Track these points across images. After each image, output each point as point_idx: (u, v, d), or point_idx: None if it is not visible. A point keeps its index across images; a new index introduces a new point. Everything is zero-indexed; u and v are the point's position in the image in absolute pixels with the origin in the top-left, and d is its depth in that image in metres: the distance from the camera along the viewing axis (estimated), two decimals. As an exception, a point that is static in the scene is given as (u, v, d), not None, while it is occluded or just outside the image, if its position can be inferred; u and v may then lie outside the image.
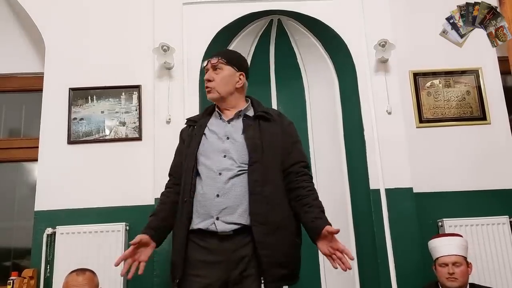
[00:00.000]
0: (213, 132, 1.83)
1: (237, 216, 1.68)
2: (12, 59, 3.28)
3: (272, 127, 1.84)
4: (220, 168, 1.73)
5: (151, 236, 1.75)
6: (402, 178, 2.83)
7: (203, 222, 1.69)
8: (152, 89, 2.98)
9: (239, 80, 1.89)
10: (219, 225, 1.68)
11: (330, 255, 1.68)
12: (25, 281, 2.61)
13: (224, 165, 1.73)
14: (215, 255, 1.67)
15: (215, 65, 1.87)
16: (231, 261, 1.66)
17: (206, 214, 1.69)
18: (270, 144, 1.79)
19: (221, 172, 1.72)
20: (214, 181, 1.72)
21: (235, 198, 1.70)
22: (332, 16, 3.06)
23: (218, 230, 1.67)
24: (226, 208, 1.68)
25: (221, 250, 1.67)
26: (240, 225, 1.68)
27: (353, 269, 2.87)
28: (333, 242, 1.68)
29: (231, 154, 1.75)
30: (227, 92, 1.86)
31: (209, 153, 1.77)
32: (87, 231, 2.74)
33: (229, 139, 1.79)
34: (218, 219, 1.68)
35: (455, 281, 2.30)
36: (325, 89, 3.22)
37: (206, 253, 1.68)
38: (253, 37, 3.22)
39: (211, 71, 1.87)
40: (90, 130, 2.97)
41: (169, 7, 3.04)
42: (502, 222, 2.85)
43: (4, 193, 3.22)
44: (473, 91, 3.16)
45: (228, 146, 1.77)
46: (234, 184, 1.71)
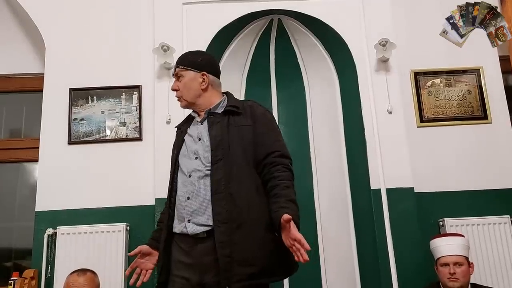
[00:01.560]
0: (190, 135, 1.83)
1: (206, 217, 1.65)
2: (13, 59, 3.28)
3: (241, 120, 1.75)
4: (190, 170, 1.72)
5: (150, 246, 1.83)
6: (403, 178, 2.82)
7: (179, 225, 1.71)
8: (152, 89, 2.98)
9: (203, 81, 1.82)
10: (189, 227, 1.66)
11: (290, 246, 1.53)
12: (26, 281, 2.61)
13: (193, 166, 1.73)
14: (190, 257, 1.67)
15: (177, 74, 1.85)
16: (203, 264, 1.63)
17: (180, 217, 1.71)
18: (237, 139, 1.71)
19: (191, 174, 1.71)
20: (184, 183, 1.73)
21: (204, 200, 1.66)
22: (333, 15, 3.05)
23: (189, 233, 1.66)
24: (195, 210, 1.66)
25: (194, 252, 1.66)
26: (209, 226, 1.63)
27: (354, 269, 2.87)
28: (291, 232, 1.53)
29: (199, 154, 1.73)
30: (193, 97, 1.82)
31: (185, 156, 1.78)
32: (88, 232, 2.74)
33: (200, 140, 1.77)
34: (189, 222, 1.67)
35: (456, 281, 2.29)
36: (325, 89, 3.21)
37: (184, 255, 1.69)
38: (253, 37, 3.22)
39: (176, 81, 1.85)
40: (90, 130, 2.97)
41: (169, 7, 3.04)
42: (503, 222, 2.85)
43: (4, 194, 3.22)
44: (474, 91, 3.15)
45: (198, 147, 1.75)
46: (202, 185, 1.68)
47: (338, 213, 3.01)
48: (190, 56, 1.90)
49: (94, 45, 3.09)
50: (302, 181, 3.17)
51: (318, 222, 3.10)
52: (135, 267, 1.82)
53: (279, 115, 3.32)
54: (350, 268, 2.88)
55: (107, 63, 3.07)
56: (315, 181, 3.17)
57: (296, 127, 3.28)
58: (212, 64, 1.89)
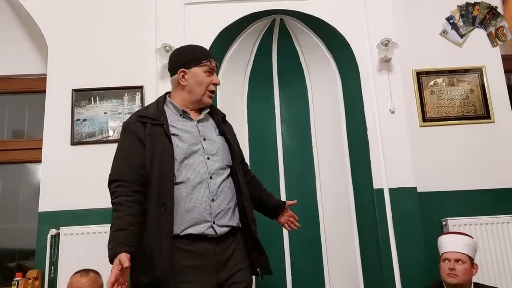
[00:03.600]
0: (184, 131, 1.73)
1: (229, 219, 1.70)
2: (15, 60, 3.29)
3: (229, 128, 1.92)
4: (209, 171, 1.69)
5: (131, 255, 1.52)
6: (406, 178, 2.82)
7: (195, 227, 1.62)
8: (154, 90, 2.97)
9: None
10: (217, 229, 1.66)
11: (286, 222, 2.09)
12: (29, 282, 2.62)
13: (212, 168, 1.70)
14: (204, 258, 1.63)
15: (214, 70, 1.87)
16: (219, 263, 1.66)
17: (198, 219, 1.63)
18: (235, 144, 1.87)
19: (212, 176, 1.69)
20: (207, 185, 1.67)
21: (229, 200, 1.73)
22: (335, 15, 3.05)
23: (217, 234, 1.66)
24: (221, 211, 1.68)
25: (209, 253, 1.65)
26: (231, 227, 1.72)
27: (357, 269, 2.87)
28: (289, 212, 2.10)
29: (214, 155, 1.73)
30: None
31: (190, 156, 1.68)
32: (91, 232, 2.74)
33: (206, 140, 1.74)
34: (214, 223, 1.66)
35: (454, 278, 2.29)
36: (328, 89, 3.21)
37: (193, 258, 1.61)
38: (256, 37, 3.22)
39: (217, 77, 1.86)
40: (93, 131, 2.97)
41: (171, 7, 3.04)
42: (506, 221, 2.85)
43: (8, 195, 3.23)
44: (476, 90, 3.15)
45: (208, 147, 1.73)
46: (225, 187, 1.72)
47: (341, 213, 3.01)
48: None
49: (96, 46, 3.10)
50: (304, 180, 3.18)
51: (321, 222, 3.10)
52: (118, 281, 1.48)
53: (281, 115, 3.32)
54: (353, 268, 2.88)
55: (109, 63, 3.07)
56: (317, 181, 3.17)
57: (298, 126, 3.28)
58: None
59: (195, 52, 1.85)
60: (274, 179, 3.18)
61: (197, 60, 1.80)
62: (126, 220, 1.57)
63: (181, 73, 1.80)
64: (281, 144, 3.27)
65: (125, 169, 1.68)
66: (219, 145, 1.77)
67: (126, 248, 1.51)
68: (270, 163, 3.20)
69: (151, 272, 1.56)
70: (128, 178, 1.66)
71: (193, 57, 1.81)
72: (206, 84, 1.79)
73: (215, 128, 1.83)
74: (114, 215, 1.61)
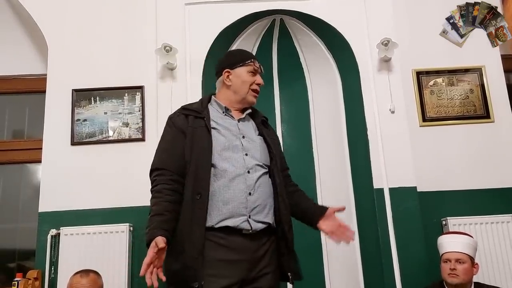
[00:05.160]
0: (224, 127, 1.78)
1: (265, 215, 1.71)
2: (15, 61, 3.29)
3: (271, 133, 1.94)
4: (248, 166, 1.72)
5: (167, 239, 1.56)
6: (406, 177, 2.82)
7: (231, 219, 1.64)
8: (155, 90, 2.98)
9: None
10: (252, 223, 1.67)
11: (333, 231, 1.84)
12: (29, 282, 2.62)
13: (250, 163, 1.73)
14: (238, 253, 1.63)
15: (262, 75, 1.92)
16: (252, 260, 1.66)
17: (234, 212, 1.65)
18: (275, 147, 1.87)
19: (249, 171, 1.71)
20: (244, 179, 1.69)
21: (267, 197, 1.73)
22: (335, 15, 3.05)
23: (253, 229, 1.66)
24: (257, 206, 1.69)
25: (243, 248, 1.65)
26: (266, 224, 1.71)
27: (357, 268, 2.87)
28: (336, 220, 1.86)
29: (252, 153, 1.76)
30: None
31: (228, 150, 1.72)
32: (91, 232, 2.74)
33: (245, 138, 1.78)
34: (250, 217, 1.66)
35: (455, 278, 2.30)
36: (328, 89, 3.22)
37: (227, 252, 1.62)
38: (256, 37, 3.22)
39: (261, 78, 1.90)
40: (93, 131, 2.97)
41: (172, 7, 3.04)
42: (506, 221, 2.85)
43: (8, 195, 3.23)
44: (476, 90, 3.15)
45: (247, 145, 1.77)
46: (262, 183, 1.73)
47: (341, 213, 3.01)
48: None
49: (96, 46, 3.10)
50: (304, 180, 3.17)
51: (321, 222, 3.09)
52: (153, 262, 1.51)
53: (282, 114, 3.32)
54: (353, 268, 2.88)
55: (109, 63, 3.07)
56: (318, 181, 3.17)
57: (298, 126, 3.28)
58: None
59: (239, 54, 1.96)
60: (274, 179, 3.18)
61: (241, 61, 1.88)
62: (163, 206, 1.62)
63: (226, 73, 1.87)
64: (281, 144, 3.26)
65: (165, 159, 1.73)
66: (258, 144, 1.81)
67: (162, 231, 1.56)
68: (270, 163, 3.20)
69: (181, 259, 1.59)
70: (168, 167, 1.70)
71: (238, 58, 1.90)
72: (250, 83, 1.85)
73: (255, 129, 1.87)
74: (152, 202, 1.66)
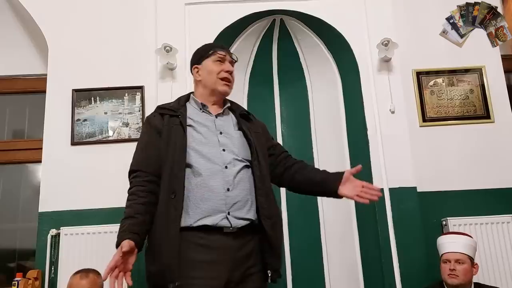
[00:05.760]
0: (201, 124, 1.74)
1: (246, 211, 1.64)
2: (16, 61, 3.29)
3: (255, 126, 1.86)
4: (225, 161, 1.66)
5: (135, 242, 1.53)
6: (406, 177, 2.82)
7: (210, 217, 1.57)
8: (155, 90, 2.98)
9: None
10: (232, 220, 1.60)
11: (357, 194, 1.77)
12: (29, 282, 2.62)
13: (227, 158, 1.67)
14: (219, 253, 1.57)
15: (233, 63, 1.87)
16: (236, 260, 1.59)
17: (212, 209, 1.58)
18: (258, 141, 1.80)
19: (227, 166, 1.66)
20: (222, 174, 1.63)
21: (247, 192, 1.67)
22: (335, 15, 3.05)
23: (232, 226, 1.59)
24: (237, 202, 1.62)
25: (225, 247, 1.58)
26: (248, 220, 1.64)
27: (357, 268, 2.87)
28: (356, 181, 1.81)
29: (230, 148, 1.70)
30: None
31: (205, 146, 1.68)
32: (91, 232, 2.74)
33: (223, 134, 1.74)
34: (229, 214, 1.60)
35: (455, 278, 2.30)
36: (328, 89, 3.22)
37: (207, 252, 1.56)
38: (256, 37, 3.22)
39: (230, 65, 1.85)
40: (93, 131, 2.98)
41: (172, 7, 3.04)
42: (506, 221, 2.85)
43: (8, 195, 3.23)
44: (476, 90, 3.15)
45: (224, 140, 1.72)
46: (242, 179, 1.67)
47: (341, 213, 3.01)
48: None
49: (97, 46, 3.10)
50: (304, 181, 3.18)
51: (321, 222, 3.10)
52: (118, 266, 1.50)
53: (281, 115, 3.32)
54: (354, 268, 2.88)
55: (109, 64, 3.07)
56: (317, 181, 3.16)
57: (298, 127, 3.28)
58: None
59: (204, 47, 1.92)
60: (274, 179, 3.18)
61: (205, 53, 1.86)
62: (135, 208, 1.60)
63: (195, 69, 1.87)
64: (281, 144, 3.26)
65: (140, 160, 1.72)
66: (236, 139, 1.75)
67: (130, 235, 1.53)
68: (270, 163, 3.20)
69: (157, 260, 1.56)
70: (143, 169, 1.68)
71: (202, 52, 1.88)
72: (217, 72, 1.81)
73: (235, 124, 1.82)
74: (126, 204, 1.64)
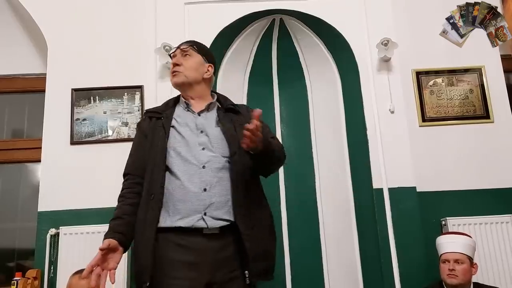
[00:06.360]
0: (183, 124, 1.72)
1: (225, 212, 1.59)
2: (15, 60, 3.29)
3: (241, 120, 1.75)
4: (203, 160, 1.62)
5: (119, 241, 1.58)
6: (405, 177, 2.82)
7: (186, 219, 1.56)
8: (154, 90, 2.98)
9: (208, 71, 1.82)
10: (208, 221, 1.56)
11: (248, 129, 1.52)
12: (29, 281, 2.62)
13: (206, 158, 1.63)
14: (198, 255, 1.54)
15: (185, 51, 1.80)
16: (216, 262, 1.55)
17: (189, 210, 1.56)
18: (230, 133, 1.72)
19: (205, 166, 1.62)
20: (197, 174, 1.60)
21: (226, 192, 1.62)
22: (334, 15, 3.05)
23: (209, 226, 1.55)
24: (214, 202, 1.58)
25: (205, 249, 1.55)
26: (227, 221, 1.59)
27: (356, 268, 2.87)
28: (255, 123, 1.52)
29: (209, 146, 1.66)
30: (194, 79, 1.78)
31: (184, 146, 1.65)
32: (91, 232, 2.74)
33: (203, 132, 1.70)
34: (206, 215, 1.56)
35: (454, 278, 2.30)
36: (327, 89, 3.22)
37: (187, 253, 1.54)
38: (255, 37, 3.22)
39: (180, 56, 1.80)
40: (92, 130, 2.97)
41: (171, 7, 3.04)
42: (505, 221, 2.85)
43: (7, 194, 3.23)
44: (476, 90, 3.15)
45: (204, 139, 1.68)
46: (221, 178, 1.62)
47: (341, 213, 3.02)
48: (202, 45, 1.90)
49: (96, 46, 3.10)
50: (304, 180, 3.18)
51: (321, 222, 3.10)
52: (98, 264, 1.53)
53: (281, 114, 3.32)
54: (353, 268, 2.88)
55: (109, 63, 3.07)
56: (317, 181, 3.17)
57: (298, 126, 3.28)
58: (215, 64, 1.90)
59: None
60: (274, 179, 3.18)
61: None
62: (122, 209, 1.66)
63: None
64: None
65: (130, 164, 1.77)
66: (215, 136, 1.70)
67: (114, 234, 1.58)
68: (270, 163, 3.20)
69: (137, 260, 1.59)
70: (132, 172, 1.74)
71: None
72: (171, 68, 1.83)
73: (217, 121, 1.76)
74: (116, 207, 1.69)
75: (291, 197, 3.17)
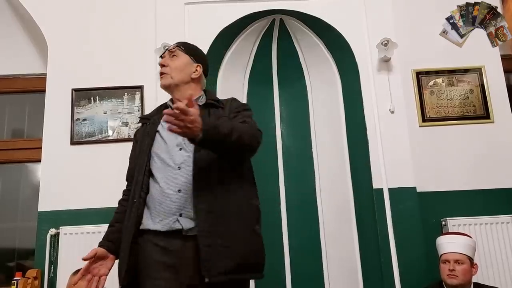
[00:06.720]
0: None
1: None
2: (15, 60, 3.30)
3: (220, 113, 1.71)
4: (178, 162, 1.60)
5: (107, 249, 1.63)
6: (405, 177, 2.82)
7: (164, 221, 1.54)
8: (154, 90, 2.98)
9: (196, 71, 1.78)
10: (183, 222, 1.53)
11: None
12: (29, 281, 2.62)
13: (182, 158, 1.61)
14: (177, 257, 1.52)
15: (172, 52, 1.79)
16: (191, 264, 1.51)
17: (166, 213, 1.55)
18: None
19: (180, 166, 1.59)
20: (172, 176, 1.59)
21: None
22: (335, 15, 3.05)
23: (184, 228, 1.52)
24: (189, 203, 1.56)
25: (183, 251, 1.52)
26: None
27: (356, 268, 2.87)
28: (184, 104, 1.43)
29: (185, 146, 1.62)
30: (181, 80, 1.75)
31: (164, 149, 1.65)
32: (91, 232, 2.74)
33: None
34: (181, 216, 1.54)
35: (454, 278, 2.30)
36: (327, 89, 3.22)
37: (165, 254, 1.52)
38: (256, 37, 3.22)
39: (167, 58, 1.79)
40: (93, 130, 2.98)
41: (171, 7, 3.05)
42: (506, 221, 2.85)
43: (7, 194, 3.23)
44: (476, 90, 3.15)
45: (180, 139, 1.62)
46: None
47: (341, 213, 3.01)
48: (191, 45, 1.88)
49: (96, 46, 3.10)
50: (304, 180, 3.18)
51: (321, 222, 3.10)
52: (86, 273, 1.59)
53: (281, 114, 3.33)
54: (353, 267, 2.88)
55: (109, 63, 3.07)
56: (317, 181, 3.17)
57: (298, 126, 3.28)
58: (206, 63, 1.87)
59: None
60: (273, 179, 3.18)
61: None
62: (115, 217, 1.73)
63: None
64: (280, 144, 3.27)
65: (127, 172, 1.81)
66: None
67: (103, 242, 1.66)
68: (270, 163, 3.20)
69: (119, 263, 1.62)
70: (128, 179, 1.79)
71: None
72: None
73: None
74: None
75: (291, 197, 3.17)
